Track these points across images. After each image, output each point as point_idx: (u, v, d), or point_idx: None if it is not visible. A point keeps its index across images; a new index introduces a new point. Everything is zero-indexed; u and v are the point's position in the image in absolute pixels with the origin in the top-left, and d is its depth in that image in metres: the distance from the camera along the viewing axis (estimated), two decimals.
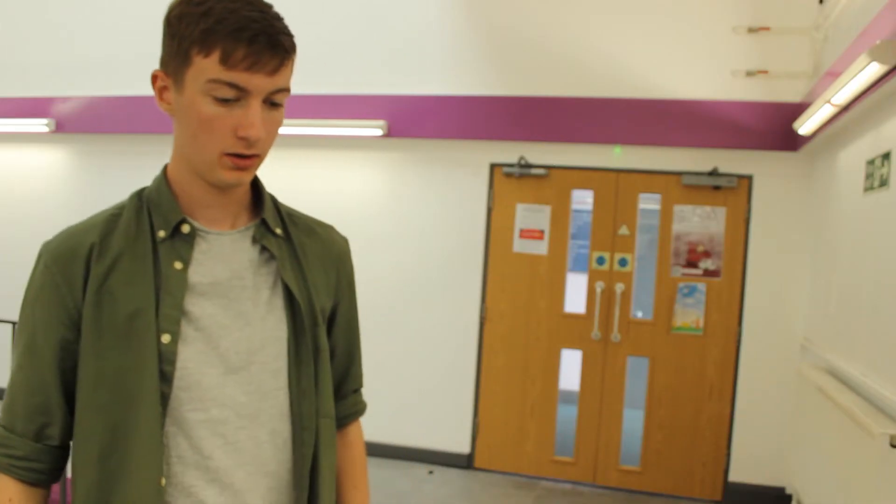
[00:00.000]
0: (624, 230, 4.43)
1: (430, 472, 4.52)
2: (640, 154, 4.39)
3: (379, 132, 4.61)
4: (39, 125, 5.38)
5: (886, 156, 2.76)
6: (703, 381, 4.32)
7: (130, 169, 5.35)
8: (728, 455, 4.28)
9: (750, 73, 4.11)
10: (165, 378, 0.94)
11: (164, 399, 0.94)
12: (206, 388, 0.96)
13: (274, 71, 0.92)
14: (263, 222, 1.05)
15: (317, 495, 1.04)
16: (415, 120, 4.62)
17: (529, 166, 4.53)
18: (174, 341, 0.95)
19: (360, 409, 1.23)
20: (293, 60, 0.95)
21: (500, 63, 4.57)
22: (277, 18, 0.93)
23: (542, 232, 4.53)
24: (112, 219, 0.99)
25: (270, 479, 1.01)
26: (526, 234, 4.56)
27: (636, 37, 4.28)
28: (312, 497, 1.04)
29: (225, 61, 0.89)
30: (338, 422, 1.17)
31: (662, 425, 4.38)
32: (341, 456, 1.18)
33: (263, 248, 1.04)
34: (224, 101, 0.91)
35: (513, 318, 4.59)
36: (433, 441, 4.69)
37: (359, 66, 4.61)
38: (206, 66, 0.90)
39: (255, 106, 0.92)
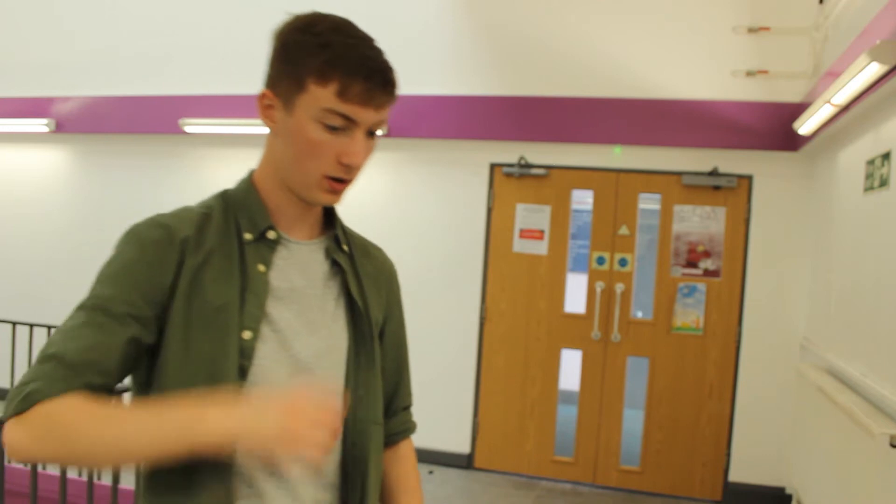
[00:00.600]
0: (624, 230, 4.43)
1: (430, 472, 4.52)
2: (640, 154, 4.39)
3: (379, 132, 4.60)
4: (39, 125, 5.38)
5: (886, 156, 2.76)
6: (703, 381, 4.32)
7: (130, 169, 5.36)
8: (728, 455, 4.28)
9: (750, 73, 4.11)
10: (242, 372, 0.99)
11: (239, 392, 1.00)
12: (275, 386, 1.01)
13: (382, 106, 0.99)
14: (336, 238, 1.13)
15: (366, 495, 1.10)
16: (415, 120, 4.62)
17: (529, 166, 4.53)
18: (254, 338, 1.00)
19: (410, 427, 1.28)
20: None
21: (500, 63, 4.57)
22: (385, 55, 1.00)
23: (542, 232, 4.54)
24: (204, 217, 1.03)
25: (319, 476, 1.07)
26: (526, 234, 4.56)
27: (636, 37, 4.28)
28: (362, 497, 1.10)
29: (341, 94, 0.95)
30: (390, 438, 1.23)
31: (662, 425, 4.38)
32: (395, 469, 1.24)
33: (333, 262, 1.11)
34: (332, 129, 0.97)
35: (513, 318, 4.59)
36: (433, 441, 4.69)
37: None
38: (321, 96, 0.96)
39: (360, 136, 0.99)
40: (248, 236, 1.03)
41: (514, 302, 4.58)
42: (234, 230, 1.03)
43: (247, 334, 0.99)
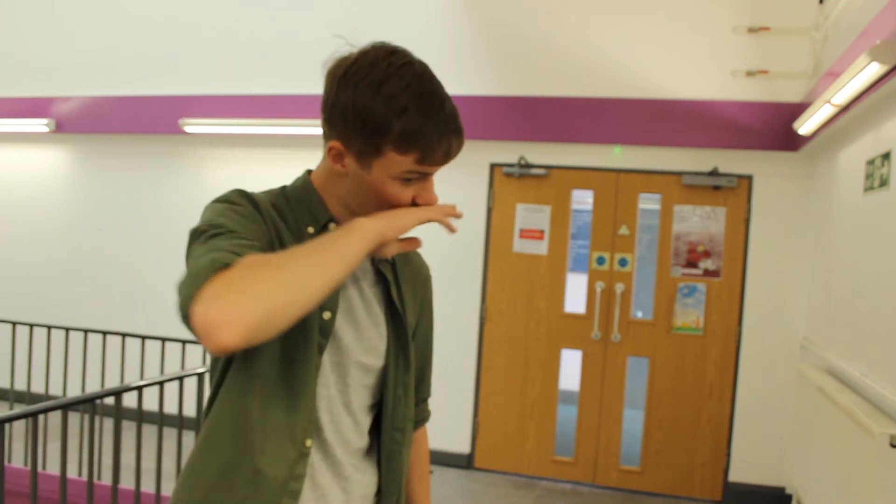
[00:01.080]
0: (624, 230, 4.43)
1: (431, 472, 4.51)
2: (640, 154, 4.39)
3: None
4: (39, 125, 5.38)
5: (886, 156, 2.76)
6: (703, 381, 4.32)
7: (130, 169, 5.36)
8: (728, 455, 4.28)
9: (750, 73, 4.12)
10: (320, 349, 1.07)
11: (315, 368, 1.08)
12: (329, 370, 1.10)
13: (453, 157, 1.04)
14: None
15: (401, 484, 1.23)
16: None
17: (529, 166, 4.54)
18: (333, 318, 1.08)
19: (426, 416, 1.40)
20: None
21: (500, 63, 4.57)
22: (449, 98, 1.02)
23: (542, 232, 4.53)
24: (275, 207, 1.08)
25: (355, 458, 1.15)
26: (526, 234, 4.56)
27: (636, 37, 4.28)
28: (398, 485, 1.22)
29: (422, 161, 0.99)
30: None
31: (662, 425, 4.38)
32: (412, 452, 1.34)
33: (377, 270, 1.18)
34: (407, 181, 1.02)
35: (513, 318, 4.59)
36: (433, 441, 4.63)
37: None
38: (400, 161, 0.99)
39: (432, 180, 1.06)
40: (310, 229, 1.08)
41: (514, 302, 4.58)
42: (296, 224, 1.08)
43: (326, 314, 1.06)
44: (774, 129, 4.13)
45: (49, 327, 4.11)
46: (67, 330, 4.14)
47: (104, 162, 5.46)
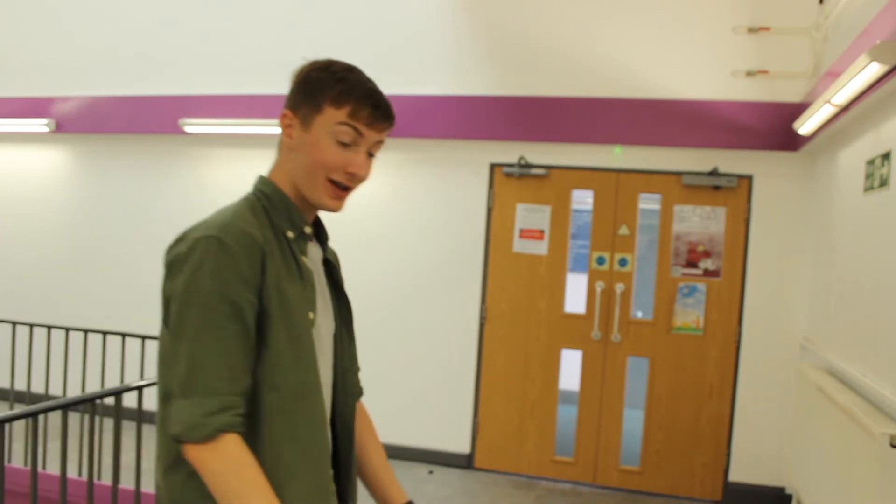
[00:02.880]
0: (624, 230, 4.43)
1: (430, 472, 4.52)
2: (640, 154, 4.39)
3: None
4: (39, 125, 5.38)
5: (886, 156, 2.76)
6: (703, 381, 4.32)
7: (130, 169, 5.36)
8: (728, 455, 4.28)
9: (750, 73, 4.12)
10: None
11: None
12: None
13: (382, 131, 1.23)
14: (326, 238, 1.34)
15: (352, 456, 1.35)
16: (415, 120, 4.62)
17: (529, 166, 4.53)
18: (315, 316, 1.22)
19: (361, 390, 1.46)
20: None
21: (500, 63, 4.57)
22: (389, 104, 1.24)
23: (542, 232, 4.53)
24: (258, 222, 1.18)
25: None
26: (526, 234, 4.56)
27: (636, 37, 4.28)
28: (349, 457, 1.34)
29: (353, 115, 1.19)
30: None
31: (662, 425, 4.38)
32: (358, 422, 1.47)
33: (324, 257, 1.33)
34: (342, 144, 1.19)
35: (513, 318, 4.59)
36: (433, 441, 4.69)
37: (358, 66, 4.60)
38: (335, 115, 1.19)
39: (363, 152, 1.22)
40: (290, 234, 1.22)
41: (514, 302, 4.58)
42: (278, 229, 1.21)
43: (311, 314, 1.20)
44: (774, 129, 4.13)
45: (49, 327, 4.10)
46: (67, 330, 4.14)
47: (104, 162, 5.46)
